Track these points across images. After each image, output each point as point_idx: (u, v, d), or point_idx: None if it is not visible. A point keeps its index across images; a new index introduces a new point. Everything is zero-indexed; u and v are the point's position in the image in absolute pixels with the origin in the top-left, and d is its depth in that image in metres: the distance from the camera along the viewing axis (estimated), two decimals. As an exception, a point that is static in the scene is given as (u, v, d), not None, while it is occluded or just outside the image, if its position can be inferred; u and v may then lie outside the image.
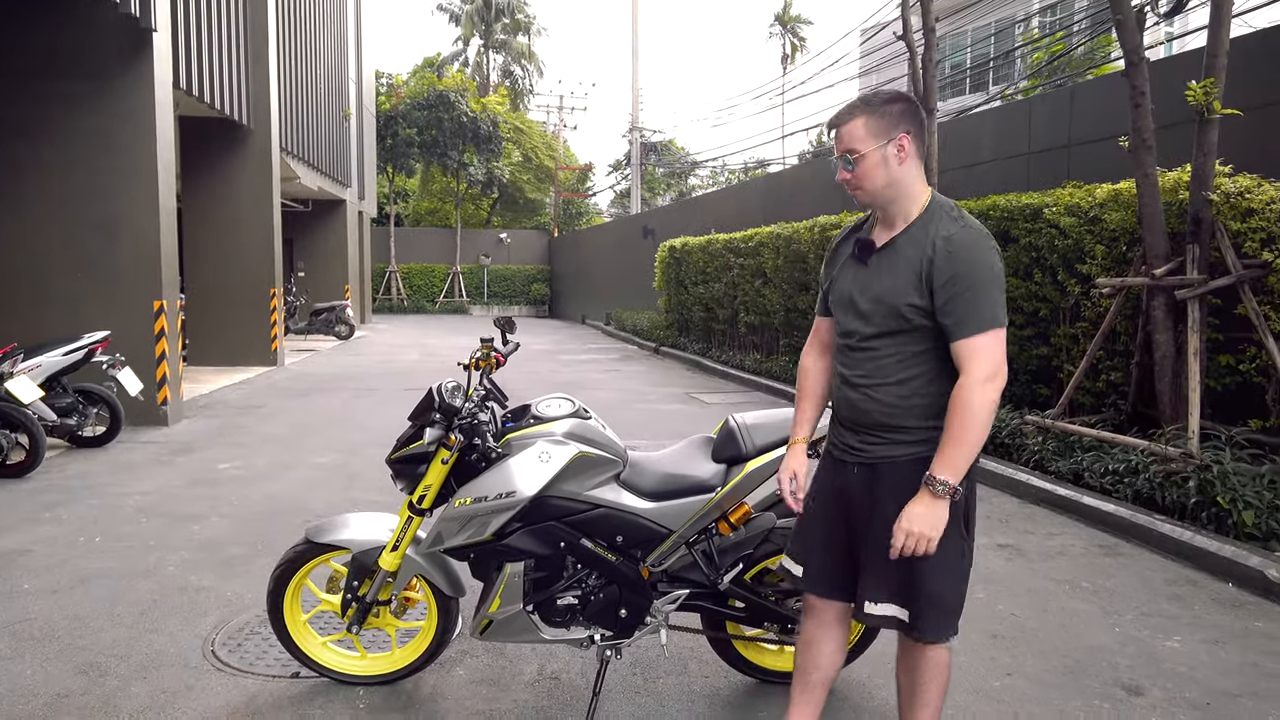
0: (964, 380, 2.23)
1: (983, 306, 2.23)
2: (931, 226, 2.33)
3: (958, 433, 2.21)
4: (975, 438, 2.21)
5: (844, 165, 2.38)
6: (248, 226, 13.56)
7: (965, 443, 2.21)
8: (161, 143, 8.70)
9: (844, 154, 2.37)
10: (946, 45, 26.07)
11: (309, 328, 19.34)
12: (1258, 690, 3.35)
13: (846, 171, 2.38)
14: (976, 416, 2.19)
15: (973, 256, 2.25)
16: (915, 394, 2.35)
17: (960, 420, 2.21)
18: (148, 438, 8.11)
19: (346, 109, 21.38)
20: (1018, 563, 4.80)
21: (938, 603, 2.34)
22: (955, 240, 2.27)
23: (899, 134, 2.32)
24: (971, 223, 2.33)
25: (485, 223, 38.12)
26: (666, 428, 8.87)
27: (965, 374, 2.23)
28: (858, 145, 2.33)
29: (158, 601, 4.09)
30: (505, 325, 3.18)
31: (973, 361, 2.23)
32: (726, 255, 13.84)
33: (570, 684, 3.32)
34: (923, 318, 2.30)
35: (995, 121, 9.50)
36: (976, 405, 2.20)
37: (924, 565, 2.32)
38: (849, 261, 2.50)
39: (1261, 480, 4.95)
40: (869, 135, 2.32)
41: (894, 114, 2.32)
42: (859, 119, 2.35)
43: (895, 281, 2.33)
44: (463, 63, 42.75)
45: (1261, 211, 5.48)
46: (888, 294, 2.34)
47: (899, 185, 2.35)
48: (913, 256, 2.32)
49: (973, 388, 2.21)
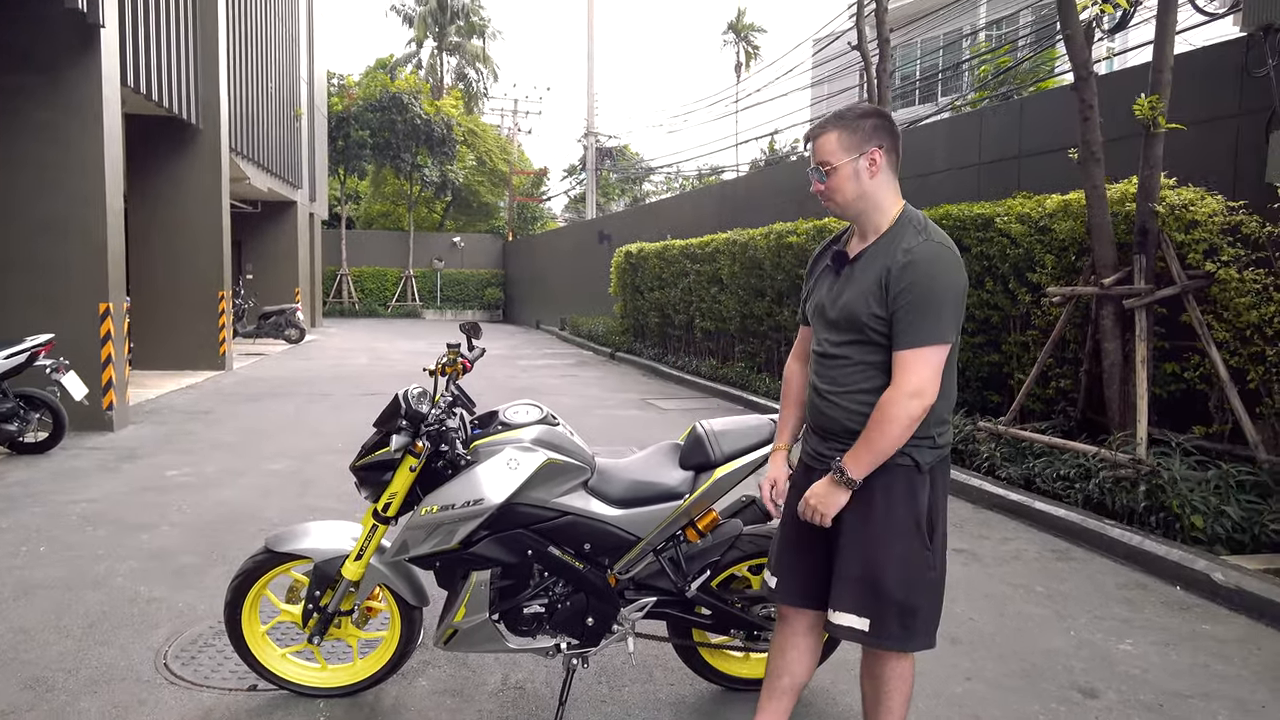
0: (891, 390, 2.28)
1: (925, 321, 2.26)
2: (898, 239, 2.36)
3: (873, 436, 2.29)
4: (887, 445, 2.28)
5: (817, 177, 2.44)
6: (196, 228, 13.27)
7: (876, 447, 2.29)
8: (109, 140, 8.48)
9: (817, 165, 2.43)
10: (897, 56, 26.50)
11: (258, 331, 18.98)
12: (1208, 691, 3.44)
13: (819, 183, 2.44)
14: (891, 427, 2.26)
15: (929, 270, 2.27)
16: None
17: (877, 426, 2.28)
18: (93, 444, 7.88)
19: (298, 109, 21.05)
20: (974, 568, 4.87)
21: (898, 611, 2.35)
22: (915, 253, 2.30)
23: (871, 148, 2.37)
24: (936, 235, 2.35)
25: (438, 226, 37.77)
26: (624, 434, 8.86)
27: (894, 385, 2.29)
28: (830, 158, 2.39)
29: (107, 613, 3.98)
30: (471, 330, 3.15)
31: (903, 374, 2.28)
32: (683, 261, 13.89)
33: (535, 694, 3.29)
34: (882, 327, 2.34)
35: (948, 132, 9.67)
36: (893, 416, 2.26)
37: (885, 576, 2.34)
38: (826, 272, 2.56)
39: (1208, 485, 5.10)
40: (841, 149, 2.38)
41: (867, 129, 2.38)
42: (832, 132, 2.40)
43: (860, 291, 2.37)
44: (416, 65, 42.35)
45: (1204, 223, 5.65)
46: (852, 304, 2.38)
47: (869, 198, 2.40)
48: (878, 268, 2.36)
49: (896, 400, 2.26)
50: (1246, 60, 5.91)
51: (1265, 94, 5.68)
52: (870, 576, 2.35)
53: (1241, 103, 6.04)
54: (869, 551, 2.36)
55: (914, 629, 2.38)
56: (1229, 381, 5.45)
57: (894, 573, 2.34)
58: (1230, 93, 6.13)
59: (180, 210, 13.17)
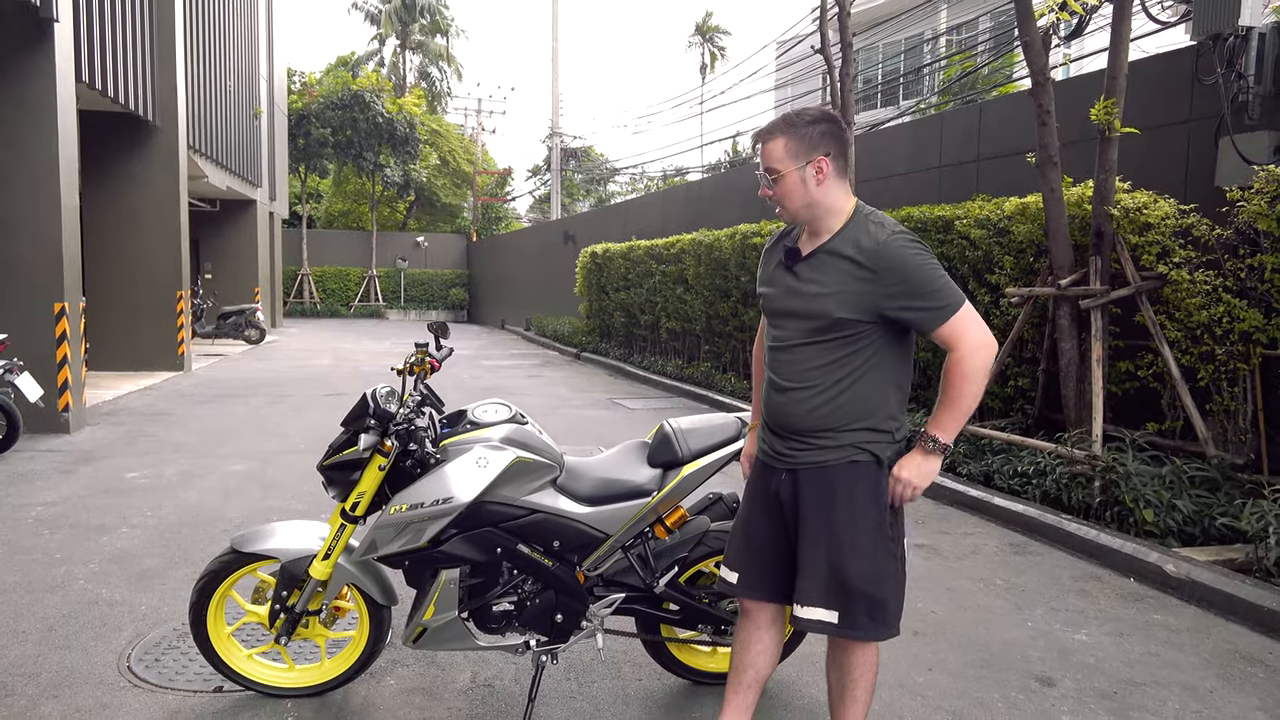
0: (956, 354, 2.33)
1: (938, 294, 2.32)
2: (854, 237, 2.39)
3: (954, 397, 2.34)
4: (971, 403, 2.35)
5: (764, 182, 2.45)
6: (153, 226, 13.06)
7: (960, 408, 2.35)
8: (63, 137, 8.32)
9: (765, 171, 2.43)
10: (860, 60, 26.77)
11: (217, 331, 18.69)
12: (1159, 679, 3.54)
13: (767, 189, 2.46)
14: (971, 384, 2.33)
15: (905, 255, 2.32)
16: (840, 397, 2.41)
17: (958, 387, 2.34)
18: (48, 446, 7.73)
19: (257, 107, 20.77)
20: (935, 562, 4.96)
21: (866, 604, 2.40)
22: (885, 245, 2.33)
23: (818, 156, 2.36)
24: (890, 225, 2.39)
25: (401, 226, 37.47)
26: (591, 433, 8.88)
27: (955, 349, 2.33)
28: (777, 165, 2.40)
29: (67, 617, 3.91)
30: (439, 330, 3.15)
31: (959, 340, 2.32)
32: (648, 262, 13.93)
33: (504, 691, 3.30)
34: (856, 325, 2.37)
35: (909, 135, 9.81)
36: (970, 372, 2.32)
37: (852, 570, 2.38)
38: (778, 268, 2.55)
39: (1161, 480, 5.24)
40: (788, 156, 2.38)
41: (814, 136, 2.37)
42: (779, 139, 2.40)
43: (823, 291, 2.39)
44: (379, 63, 41.96)
45: (1157, 226, 5.81)
46: (815, 303, 2.39)
47: (818, 205, 2.41)
48: (842, 267, 2.37)
49: (967, 357, 2.32)
50: (1196, 68, 6.07)
51: (1215, 101, 5.84)
52: (837, 571, 2.39)
53: (1192, 109, 6.21)
54: (834, 546, 2.39)
55: (882, 619, 2.43)
56: (1180, 380, 5.60)
57: (860, 567, 2.38)
58: (1182, 99, 6.30)
59: (137, 209, 12.95)
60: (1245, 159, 5.51)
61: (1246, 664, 3.70)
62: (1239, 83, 5.61)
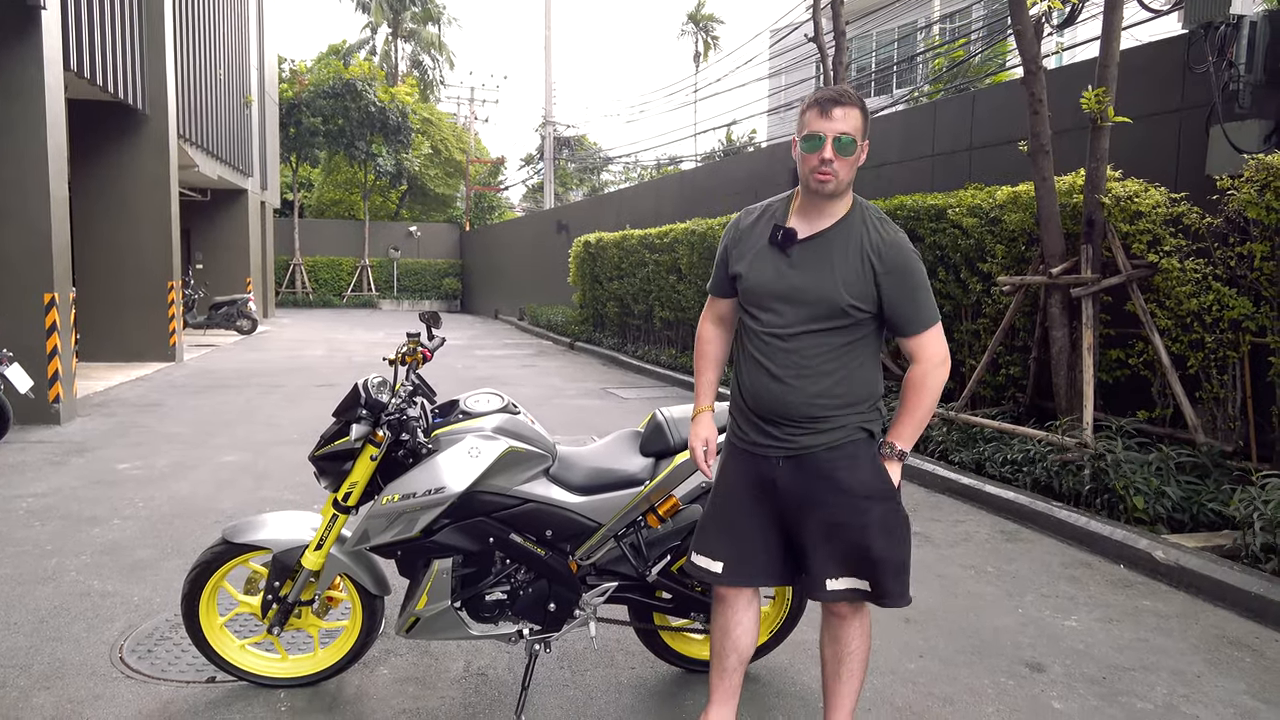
0: (921, 366, 2.44)
1: (927, 303, 2.44)
2: (861, 225, 2.43)
3: (915, 407, 2.45)
4: (928, 414, 2.47)
5: (837, 147, 2.34)
6: (143, 216, 12.97)
7: (918, 418, 2.46)
8: (52, 126, 8.26)
9: (840, 136, 2.34)
10: (853, 48, 26.71)
11: (208, 322, 18.63)
12: (1147, 664, 3.57)
13: (837, 154, 2.34)
14: (932, 397, 2.46)
15: (913, 261, 2.42)
16: (840, 384, 2.44)
17: (919, 398, 2.45)
18: (39, 437, 7.71)
19: (248, 96, 20.65)
20: (926, 549, 4.99)
21: (893, 568, 2.47)
22: (898, 246, 2.42)
23: (866, 139, 2.43)
24: (891, 224, 2.49)
25: (394, 215, 37.32)
26: (584, 423, 8.88)
27: (921, 361, 2.44)
28: (854, 133, 2.36)
29: (59, 608, 3.91)
30: (430, 320, 3.15)
31: (925, 351, 2.44)
32: (641, 251, 13.91)
33: (498, 679, 3.32)
34: (860, 314, 2.41)
35: (902, 124, 9.80)
36: (933, 386, 2.44)
37: (873, 540, 2.43)
38: (767, 250, 2.48)
39: (1150, 468, 5.26)
40: (862, 129, 2.40)
41: (867, 119, 2.43)
42: (857, 110, 2.38)
43: (833, 277, 2.39)
44: (370, 51, 41.75)
45: (1148, 214, 5.82)
46: (825, 289, 2.39)
47: (850, 183, 2.46)
48: (850, 254, 2.40)
49: (931, 372, 2.44)
50: (1188, 56, 6.08)
51: (1206, 89, 5.85)
52: (860, 545, 2.44)
53: (1184, 97, 6.22)
54: (854, 523, 2.44)
55: (906, 583, 2.50)
56: (1170, 367, 5.63)
57: (881, 537, 2.44)
58: (1173, 88, 6.30)
59: (127, 198, 12.87)
60: (1236, 147, 5.52)
61: (1234, 649, 3.73)
62: (1230, 71, 5.62)
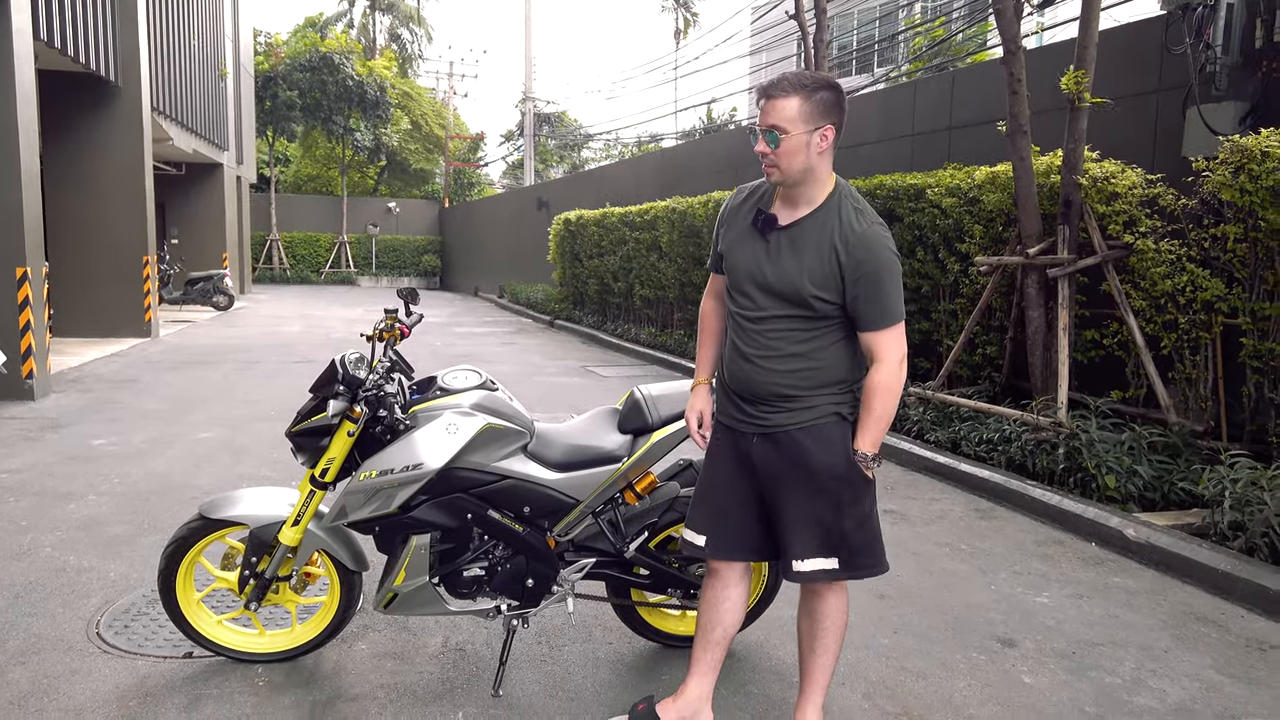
0: (882, 367, 2.40)
1: (890, 301, 2.38)
2: (837, 215, 2.40)
3: (879, 409, 2.41)
4: (891, 413, 2.44)
5: (767, 139, 2.33)
6: (117, 190, 12.78)
7: (884, 420, 2.43)
8: (22, 98, 8.11)
9: (770, 128, 2.32)
10: (835, 26, 26.62)
11: (184, 298, 18.42)
12: (1116, 639, 3.64)
13: (768, 147, 2.34)
14: (894, 398, 2.42)
15: (881, 255, 2.37)
16: (808, 367, 2.45)
17: (882, 400, 2.41)
18: (12, 413, 7.62)
19: (223, 68, 20.33)
20: (901, 527, 5.04)
21: (862, 545, 2.50)
22: (868, 237, 2.37)
23: (826, 124, 2.33)
24: (874, 218, 2.44)
25: (373, 191, 36.95)
26: (564, 401, 8.89)
27: (880, 363, 2.40)
28: (786, 124, 2.31)
29: (34, 584, 3.89)
30: (408, 296, 3.14)
31: (886, 350, 2.39)
32: (622, 229, 13.87)
33: (476, 655, 3.33)
34: (826, 305, 2.40)
35: (881, 103, 9.80)
36: (895, 388, 2.41)
37: (844, 519, 2.47)
38: (748, 232, 2.51)
39: (1122, 447, 5.34)
40: (799, 118, 2.31)
41: (826, 102, 2.33)
42: (794, 98, 2.30)
43: (799, 267, 2.40)
44: (348, 24, 41.05)
45: (1124, 195, 5.87)
46: (791, 277, 2.40)
47: (813, 172, 2.39)
48: (821, 245, 2.38)
49: (892, 374, 2.40)
50: (1166, 38, 6.11)
51: (1183, 71, 5.89)
52: (831, 523, 2.47)
53: (1161, 79, 6.26)
54: (825, 502, 2.46)
55: (877, 556, 2.54)
56: (1144, 348, 5.70)
57: (851, 516, 2.47)
58: (1151, 69, 6.34)
59: (100, 172, 12.67)
60: (1211, 129, 5.56)
61: (1200, 624, 3.81)
62: (1207, 53, 5.65)
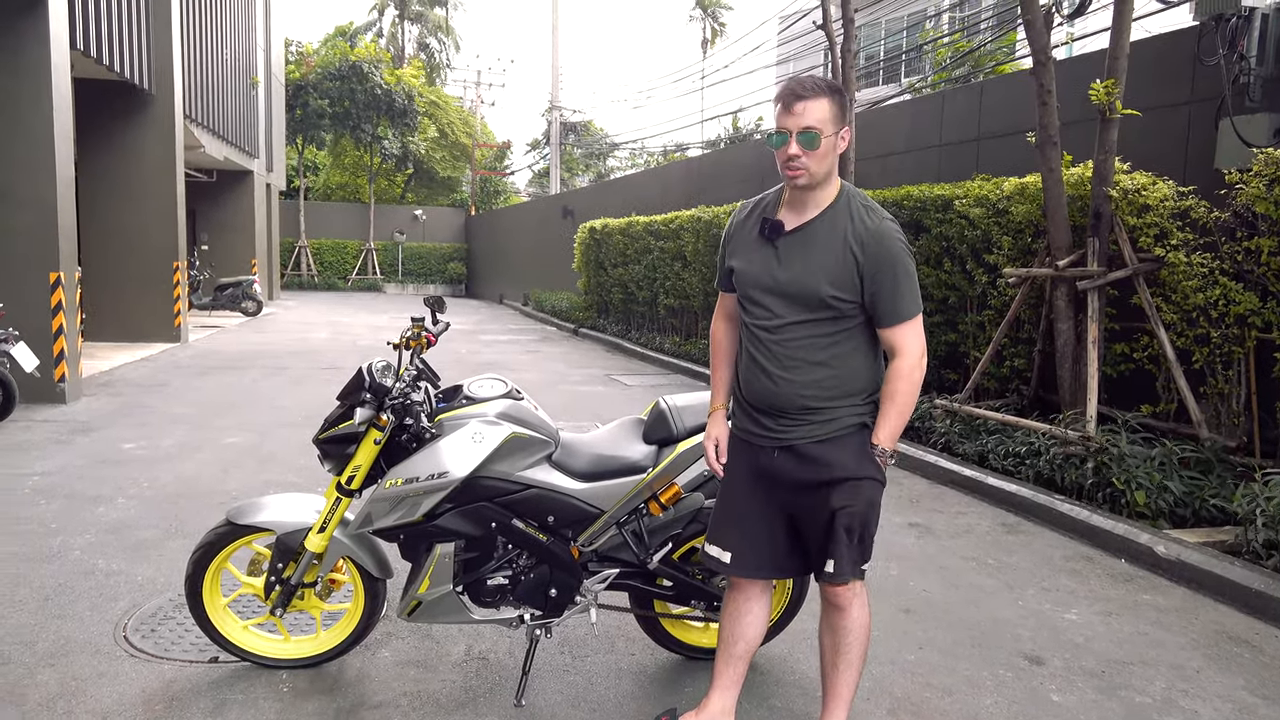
0: (902, 361, 2.40)
1: (908, 295, 2.39)
2: (846, 215, 2.41)
3: (900, 404, 2.42)
4: (910, 410, 2.45)
5: (802, 142, 2.32)
6: (149, 196, 12.99)
7: (904, 414, 2.44)
8: (58, 105, 8.26)
9: (806, 129, 2.31)
10: (862, 36, 26.56)
11: (213, 303, 18.64)
12: (1146, 658, 3.58)
13: (803, 149, 2.32)
14: (915, 392, 2.43)
15: (896, 250, 2.37)
16: (832, 375, 2.44)
17: (904, 395, 2.42)
18: (44, 416, 7.74)
19: (254, 76, 20.60)
20: (927, 540, 5.00)
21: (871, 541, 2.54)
22: (881, 233, 2.37)
23: (844, 126, 2.39)
24: (884, 214, 2.44)
25: (400, 199, 37.25)
26: (588, 410, 8.89)
27: (901, 356, 2.40)
28: (819, 125, 2.32)
29: (63, 586, 3.94)
30: (435, 305, 3.15)
31: (906, 344, 2.40)
32: (647, 238, 13.89)
33: (499, 664, 3.33)
34: (844, 305, 2.39)
35: (909, 113, 9.76)
36: (916, 382, 2.42)
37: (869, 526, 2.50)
38: (757, 242, 2.51)
39: (1152, 462, 5.26)
40: (830, 119, 2.34)
41: (843, 106, 2.40)
42: (825, 99, 2.33)
43: (813, 268, 2.39)
44: (377, 33, 41.55)
45: (1155, 208, 5.79)
46: (806, 280, 2.39)
47: (831, 174, 2.43)
48: (834, 245, 2.39)
49: (913, 368, 2.41)
50: (1198, 49, 6.03)
51: (1216, 82, 5.81)
52: (860, 533, 2.48)
53: (1194, 90, 6.18)
54: (853, 512, 2.46)
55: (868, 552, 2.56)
56: (1175, 362, 5.62)
57: (872, 520, 2.51)
58: (1183, 80, 6.26)
59: (133, 178, 12.88)
60: (1245, 141, 5.48)
61: (1233, 644, 3.74)
62: (1240, 64, 5.58)
